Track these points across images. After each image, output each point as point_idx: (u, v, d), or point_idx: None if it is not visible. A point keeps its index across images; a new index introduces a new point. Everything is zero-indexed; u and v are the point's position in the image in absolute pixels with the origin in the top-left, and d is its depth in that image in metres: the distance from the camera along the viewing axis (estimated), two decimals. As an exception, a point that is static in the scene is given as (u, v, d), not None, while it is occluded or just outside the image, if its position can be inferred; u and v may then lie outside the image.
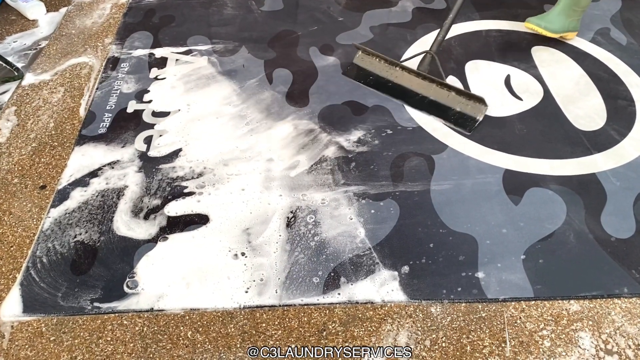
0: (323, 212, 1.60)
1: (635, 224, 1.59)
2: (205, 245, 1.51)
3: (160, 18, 2.42)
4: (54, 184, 1.69)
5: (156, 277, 1.44)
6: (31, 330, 1.34)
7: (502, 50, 2.27)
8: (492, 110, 1.97)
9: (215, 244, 1.51)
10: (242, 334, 1.33)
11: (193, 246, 1.50)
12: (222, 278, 1.43)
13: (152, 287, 1.41)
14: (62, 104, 1.98)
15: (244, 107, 1.96)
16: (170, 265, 1.46)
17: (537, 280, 1.44)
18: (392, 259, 1.48)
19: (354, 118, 1.92)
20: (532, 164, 1.76)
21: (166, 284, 1.42)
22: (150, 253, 1.49)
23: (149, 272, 1.45)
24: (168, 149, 1.79)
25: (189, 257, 1.48)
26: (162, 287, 1.41)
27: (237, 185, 1.67)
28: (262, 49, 2.25)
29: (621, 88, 2.08)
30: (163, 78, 2.09)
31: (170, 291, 1.41)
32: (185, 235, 1.53)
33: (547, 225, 1.58)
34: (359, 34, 2.35)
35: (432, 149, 1.81)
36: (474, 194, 1.66)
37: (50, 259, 1.47)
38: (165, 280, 1.43)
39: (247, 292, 1.40)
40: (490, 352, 1.31)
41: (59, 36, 2.34)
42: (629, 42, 2.33)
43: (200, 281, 1.43)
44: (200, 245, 1.51)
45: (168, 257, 1.48)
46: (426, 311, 1.38)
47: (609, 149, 1.83)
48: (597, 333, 1.34)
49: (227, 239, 1.52)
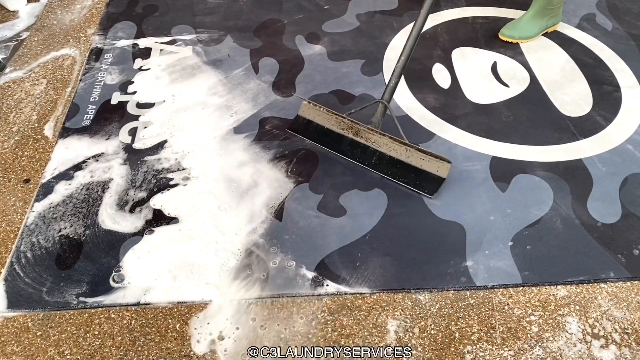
0: (311, 202, 1.59)
1: (621, 209, 1.60)
2: (192, 238, 1.49)
3: (144, 7, 2.39)
4: (38, 177, 1.66)
5: (143, 271, 1.42)
6: (17, 326, 1.32)
7: (488, 37, 2.27)
8: (479, 98, 1.97)
9: (202, 237, 1.50)
10: (231, 326, 1.33)
11: (179, 239, 1.49)
12: (209, 271, 1.42)
13: (138, 281, 1.40)
14: (44, 96, 1.94)
15: (229, 97, 1.94)
16: (156, 259, 1.45)
17: (525, 266, 1.45)
18: (380, 248, 1.48)
19: (341, 107, 1.91)
20: (519, 151, 1.76)
21: (153, 277, 1.41)
22: (136, 246, 1.47)
23: (135, 265, 1.43)
24: (153, 141, 1.77)
25: (175, 250, 1.47)
26: (149, 281, 1.40)
27: (224, 177, 1.66)
28: (247, 38, 2.23)
29: (607, 74, 2.09)
30: (147, 69, 2.06)
31: (157, 284, 1.40)
32: (172, 228, 1.52)
33: (534, 211, 1.58)
34: (345, 21, 2.33)
35: (419, 137, 1.80)
36: (461, 181, 1.66)
37: (35, 254, 1.45)
38: (152, 274, 1.42)
39: (236, 284, 1.40)
40: (478, 338, 1.31)
41: (40, 27, 2.30)
42: (615, 27, 2.33)
43: (187, 274, 1.42)
44: (187, 238, 1.50)
45: (154, 250, 1.47)
46: (414, 299, 1.39)
47: (595, 134, 1.84)
48: (584, 318, 1.35)
49: (214, 231, 1.51)
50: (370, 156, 1.68)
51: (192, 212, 1.56)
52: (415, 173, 1.63)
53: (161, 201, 1.58)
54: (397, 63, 1.68)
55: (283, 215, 1.56)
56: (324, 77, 2.04)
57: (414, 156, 1.63)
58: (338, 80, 2.02)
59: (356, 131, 1.70)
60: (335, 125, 1.73)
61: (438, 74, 2.07)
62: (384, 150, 1.67)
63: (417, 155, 1.63)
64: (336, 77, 2.04)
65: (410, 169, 1.64)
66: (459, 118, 1.88)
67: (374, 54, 2.15)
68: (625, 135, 1.83)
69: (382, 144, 1.67)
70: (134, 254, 1.46)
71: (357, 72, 2.06)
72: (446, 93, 1.99)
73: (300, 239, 1.50)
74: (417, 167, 1.63)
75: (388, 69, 2.08)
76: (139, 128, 1.82)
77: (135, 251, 1.46)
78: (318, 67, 2.09)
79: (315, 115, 1.76)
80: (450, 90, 2.00)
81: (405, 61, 1.68)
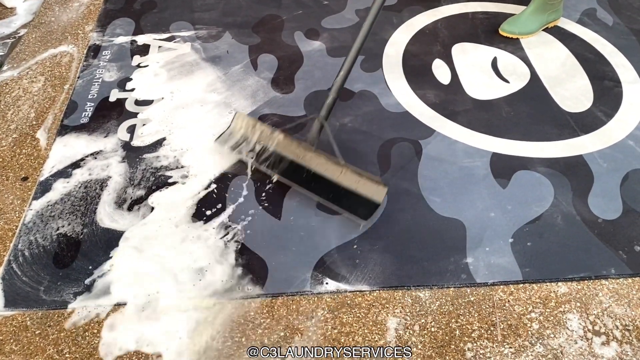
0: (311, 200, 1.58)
1: (622, 205, 1.59)
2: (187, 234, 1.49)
3: (142, 4, 2.37)
4: (36, 175, 1.65)
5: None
6: (16, 325, 1.31)
7: (488, 32, 2.26)
8: (479, 93, 1.96)
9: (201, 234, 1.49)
10: (231, 323, 1.32)
11: (176, 240, 1.49)
12: (208, 268, 1.42)
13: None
14: (42, 93, 1.93)
15: (228, 94, 1.93)
16: (156, 260, 1.44)
17: (526, 263, 1.44)
18: (380, 246, 1.47)
19: (341, 103, 1.90)
20: (520, 147, 1.75)
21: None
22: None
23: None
24: (152, 138, 1.76)
25: (173, 249, 1.46)
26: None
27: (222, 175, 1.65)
28: (246, 34, 2.22)
29: (607, 69, 2.08)
30: (146, 65, 2.05)
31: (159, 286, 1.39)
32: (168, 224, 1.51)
33: (535, 208, 1.58)
34: (344, 17, 2.32)
35: (419, 134, 1.80)
36: (461, 178, 1.66)
37: (33, 252, 1.44)
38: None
39: (235, 282, 1.39)
40: (479, 335, 1.31)
41: (38, 24, 2.28)
42: (615, 22, 2.32)
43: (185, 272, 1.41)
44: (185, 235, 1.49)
45: (154, 250, 1.46)
46: (415, 296, 1.38)
47: (596, 130, 1.83)
48: (585, 314, 1.35)
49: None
50: (300, 174, 1.58)
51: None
52: (348, 196, 1.52)
53: (159, 199, 1.57)
54: (336, 78, 1.60)
55: (282, 213, 1.55)
56: (324, 73, 2.03)
57: (348, 178, 1.52)
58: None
59: (288, 147, 1.59)
60: (266, 140, 1.62)
61: (438, 69, 2.06)
62: (317, 170, 1.56)
63: (352, 177, 1.52)
64: (335, 74, 2.02)
65: (344, 192, 1.53)
66: (459, 114, 1.87)
67: (374, 50, 2.14)
68: (626, 130, 1.83)
69: (316, 164, 1.57)
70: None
71: (357, 68, 2.05)
72: (446, 89, 1.98)
73: (299, 237, 1.49)
74: (351, 190, 1.53)
75: (387, 65, 2.07)
76: (137, 125, 1.81)
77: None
78: (317, 64, 2.07)
79: (245, 129, 1.65)
80: (450, 86, 1.99)
81: (344, 76, 1.59)
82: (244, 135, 1.66)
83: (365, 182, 1.51)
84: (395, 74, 2.03)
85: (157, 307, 1.33)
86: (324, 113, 1.60)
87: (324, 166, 1.56)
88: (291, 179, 1.59)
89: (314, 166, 1.57)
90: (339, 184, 1.54)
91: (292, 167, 1.59)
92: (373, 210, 1.51)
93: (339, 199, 1.53)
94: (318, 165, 1.56)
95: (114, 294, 1.36)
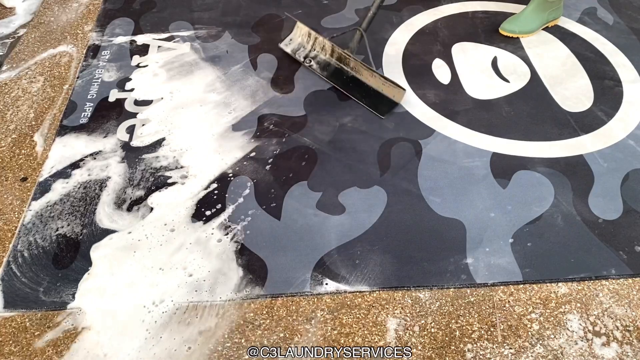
0: (310, 200, 1.58)
1: (623, 205, 1.58)
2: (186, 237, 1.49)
3: (142, 4, 2.37)
4: (35, 175, 1.65)
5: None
6: (15, 326, 1.31)
7: (489, 32, 2.25)
8: (479, 93, 1.95)
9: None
10: (230, 324, 1.32)
11: (172, 243, 1.48)
12: (208, 268, 1.41)
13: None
14: (42, 93, 1.93)
15: (228, 94, 1.93)
16: (157, 260, 1.44)
17: (526, 263, 1.44)
18: (380, 246, 1.47)
19: (341, 103, 1.89)
20: (520, 147, 1.75)
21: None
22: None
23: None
24: (151, 139, 1.76)
25: (170, 251, 1.46)
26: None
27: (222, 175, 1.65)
28: (245, 34, 2.21)
29: (608, 68, 2.07)
30: (145, 65, 2.04)
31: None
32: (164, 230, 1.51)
33: (535, 208, 1.57)
34: (344, 16, 2.31)
35: (419, 134, 1.79)
36: (461, 178, 1.65)
37: (32, 253, 1.44)
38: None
39: (234, 283, 1.39)
40: (479, 336, 1.30)
41: (37, 24, 2.28)
42: (616, 21, 2.31)
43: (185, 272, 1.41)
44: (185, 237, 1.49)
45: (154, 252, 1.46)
46: (414, 297, 1.38)
47: (596, 130, 1.82)
48: (585, 315, 1.35)
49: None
50: (341, 76, 1.96)
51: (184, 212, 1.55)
52: (374, 95, 1.89)
53: (159, 200, 1.57)
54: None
55: (282, 214, 1.54)
56: (323, 73, 2.03)
57: (376, 81, 1.89)
58: (337, 77, 2.01)
59: (333, 53, 1.99)
60: (317, 47, 2.03)
61: (438, 69, 2.06)
62: (353, 73, 1.95)
63: (380, 80, 1.88)
64: (335, 73, 2.02)
65: (371, 92, 1.90)
66: (459, 114, 1.87)
67: (374, 50, 2.13)
68: (626, 130, 1.82)
69: (353, 67, 1.95)
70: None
71: (357, 68, 2.05)
72: (446, 89, 1.97)
73: (299, 238, 1.49)
74: (378, 91, 1.89)
75: (387, 65, 2.06)
76: (136, 125, 1.80)
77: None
78: (317, 63, 2.07)
79: (304, 37, 2.06)
80: (451, 86, 1.98)
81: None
82: (301, 43, 2.08)
83: (389, 86, 1.86)
84: (395, 73, 2.03)
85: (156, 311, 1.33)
86: (365, 25, 1.94)
87: (358, 70, 1.93)
88: (333, 79, 1.96)
89: (350, 69, 1.96)
90: (367, 85, 1.92)
91: (335, 70, 1.99)
92: (391, 108, 1.87)
93: (366, 97, 1.90)
94: (354, 69, 1.95)
95: (111, 297, 1.35)
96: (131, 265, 1.41)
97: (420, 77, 2.02)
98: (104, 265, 1.41)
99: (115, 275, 1.39)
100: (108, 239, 1.47)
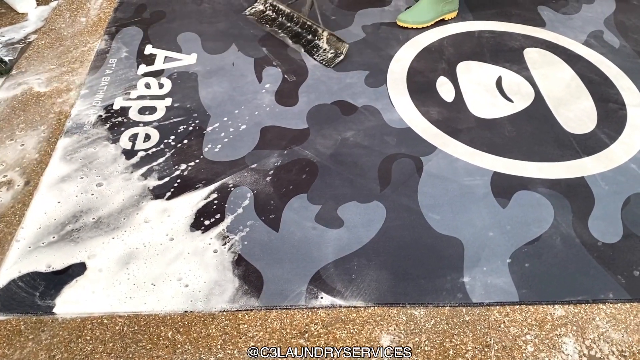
0: (309, 213, 1.58)
1: (623, 229, 1.58)
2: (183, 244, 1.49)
3: (152, 14, 2.40)
4: (37, 180, 1.66)
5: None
6: (9, 329, 1.32)
7: (494, 51, 2.26)
8: (483, 112, 1.96)
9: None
10: (223, 335, 1.32)
11: (171, 250, 1.49)
12: (204, 279, 1.42)
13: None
14: (49, 99, 1.95)
15: (231, 106, 1.94)
16: (153, 265, 1.44)
17: (523, 284, 1.43)
18: (377, 262, 1.47)
19: (344, 117, 1.90)
20: (521, 167, 1.75)
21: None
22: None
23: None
24: (155, 148, 1.77)
25: (168, 257, 1.47)
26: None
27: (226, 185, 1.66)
28: (252, 47, 2.23)
29: (612, 91, 2.07)
30: (151, 75, 2.06)
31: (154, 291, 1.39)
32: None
33: (534, 228, 1.57)
34: (351, 32, 2.33)
35: (420, 150, 1.79)
36: (461, 196, 1.65)
37: (30, 257, 1.45)
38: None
39: (229, 293, 1.39)
40: (472, 356, 1.29)
41: (48, 30, 2.31)
42: (622, 45, 2.32)
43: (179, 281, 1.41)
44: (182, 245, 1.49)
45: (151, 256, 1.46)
46: (409, 314, 1.37)
47: (599, 152, 1.82)
48: (581, 339, 1.33)
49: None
50: (296, 33, 2.29)
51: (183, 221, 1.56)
52: (323, 49, 2.20)
53: (159, 207, 1.58)
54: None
55: (280, 226, 1.55)
56: (328, 87, 2.04)
57: (324, 36, 2.19)
58: (341, 91, 2.02)
59: (290, 16, 2.31)
60: (277, 12, 2.37)
61: (442, 87, 2.07)
62: (304, 31, 2.27)
63: (327, 36, 2.18)
64: (340, 88, 2.03)
65: (320, 47, 2.20)
66: (461, 132, 1.87)
67: (379, 66, 2.15)
68: (629, 154, 1.82)
69: (304, 25, 2.27)
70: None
71: (361, 83, 2.06)
72: (450, 107, 1.98)
73: (296, 250, 1.49)
74: (325, 46, 2.20)
75: (392, 81, 2.07)
76: (139, 134, 1.82)
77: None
78: (322, 78, 2.08)
79: (267, 4, 2.40)
80: (454, 104, 1.99)
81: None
82: (262, 9, 2.41)
83: (335, 41, 2.16)
84: (399, 90, 2.04)
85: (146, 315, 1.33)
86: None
87: (309, 28, 2.25)
88: (287, 36, 2.28)
89: (303, 28, 2.28)
90: (317, 42, 2.23)
91: (290, 27, 2.31)
92: (339, 58, 2.16)
93: (316, 51, 2.20)
94: (306, 28, 2.27)
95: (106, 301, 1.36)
96: (127, 272, 1.42)
97: (424, 94, 2.02)
98: (99, 271, 1.42)
99: (110, 281, 1.40)
100: (104, 245, 1.47)
